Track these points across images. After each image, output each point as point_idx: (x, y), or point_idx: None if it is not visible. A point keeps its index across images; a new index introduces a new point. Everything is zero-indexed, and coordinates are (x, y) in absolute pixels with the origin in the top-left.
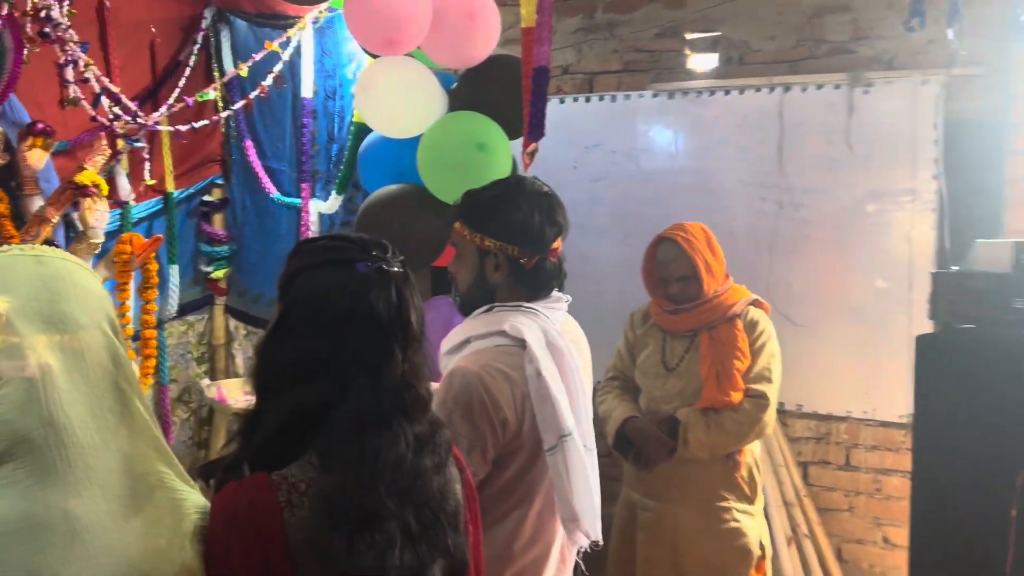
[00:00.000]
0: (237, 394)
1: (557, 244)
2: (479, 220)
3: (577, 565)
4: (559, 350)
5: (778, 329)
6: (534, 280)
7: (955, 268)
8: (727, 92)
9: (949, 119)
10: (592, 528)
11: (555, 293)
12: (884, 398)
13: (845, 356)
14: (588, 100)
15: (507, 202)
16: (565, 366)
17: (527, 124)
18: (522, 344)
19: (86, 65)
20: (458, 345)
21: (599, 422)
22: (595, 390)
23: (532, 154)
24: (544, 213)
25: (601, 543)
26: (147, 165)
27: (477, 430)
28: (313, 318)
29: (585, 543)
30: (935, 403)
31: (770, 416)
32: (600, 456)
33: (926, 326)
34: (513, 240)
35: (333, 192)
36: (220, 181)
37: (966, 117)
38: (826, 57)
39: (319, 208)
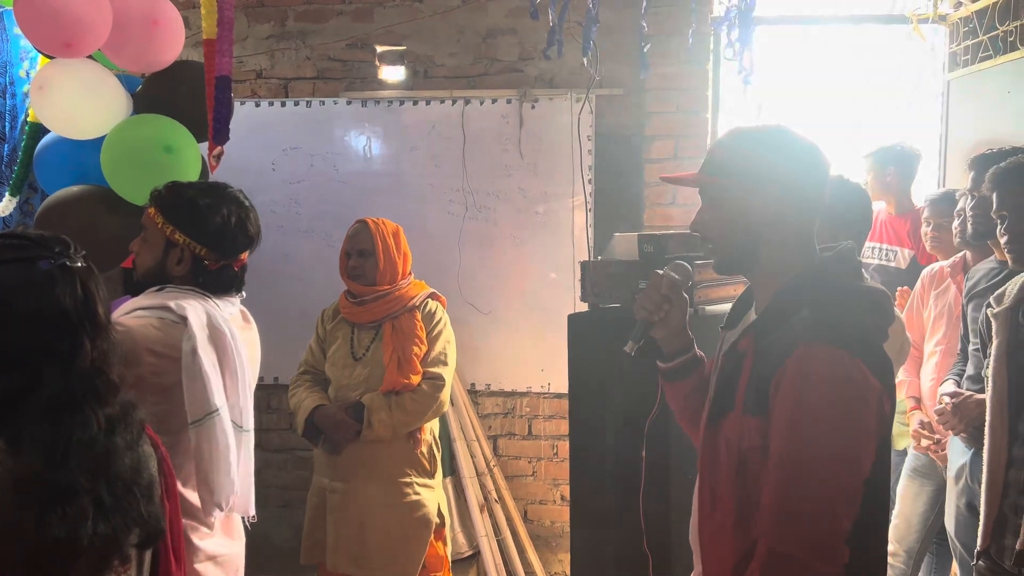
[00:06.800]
0: None
1: (244, 256)
2: (175, 213)
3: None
4: (221, 333)
5: (466, 317)
6: (214, 282)
7: (599, 257)
8: (415, 102)
9: (599, 132)
10: (225, 501)
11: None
12: (557, 373)
13: (524, 338)
14: (284, 104)
15: (207, 205)
16: (225, 349)
17: (212, 129)
18: (184, 321)
19: None
20: (124, 314)
21: (290, 414)
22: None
23: (218, 157)
24: (240, 224)
25: (254, 517)
26: None
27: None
28: None
29: (220, 515)
30: (583, 371)
31: (445, 395)
32: (300, 450)
33: (584, 308)
34: (204, 242)
35: (6, 194)
36: None
37: (612, 131)
38: (499, 74)
39: None
